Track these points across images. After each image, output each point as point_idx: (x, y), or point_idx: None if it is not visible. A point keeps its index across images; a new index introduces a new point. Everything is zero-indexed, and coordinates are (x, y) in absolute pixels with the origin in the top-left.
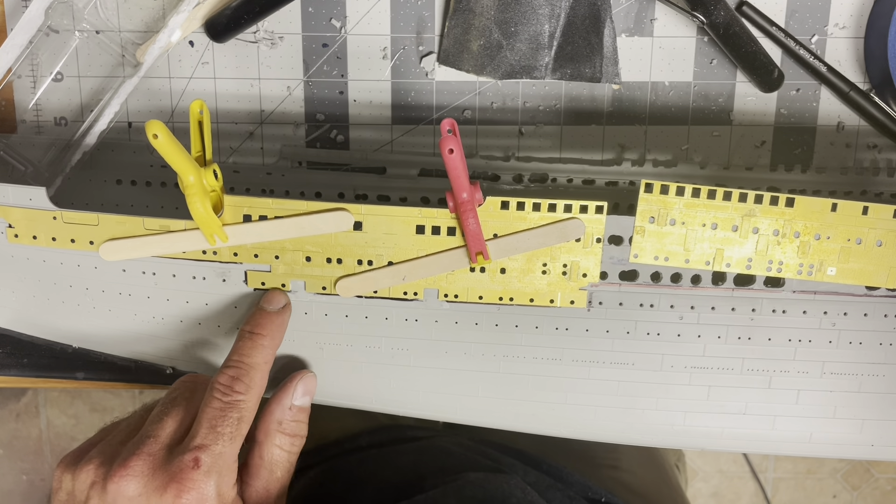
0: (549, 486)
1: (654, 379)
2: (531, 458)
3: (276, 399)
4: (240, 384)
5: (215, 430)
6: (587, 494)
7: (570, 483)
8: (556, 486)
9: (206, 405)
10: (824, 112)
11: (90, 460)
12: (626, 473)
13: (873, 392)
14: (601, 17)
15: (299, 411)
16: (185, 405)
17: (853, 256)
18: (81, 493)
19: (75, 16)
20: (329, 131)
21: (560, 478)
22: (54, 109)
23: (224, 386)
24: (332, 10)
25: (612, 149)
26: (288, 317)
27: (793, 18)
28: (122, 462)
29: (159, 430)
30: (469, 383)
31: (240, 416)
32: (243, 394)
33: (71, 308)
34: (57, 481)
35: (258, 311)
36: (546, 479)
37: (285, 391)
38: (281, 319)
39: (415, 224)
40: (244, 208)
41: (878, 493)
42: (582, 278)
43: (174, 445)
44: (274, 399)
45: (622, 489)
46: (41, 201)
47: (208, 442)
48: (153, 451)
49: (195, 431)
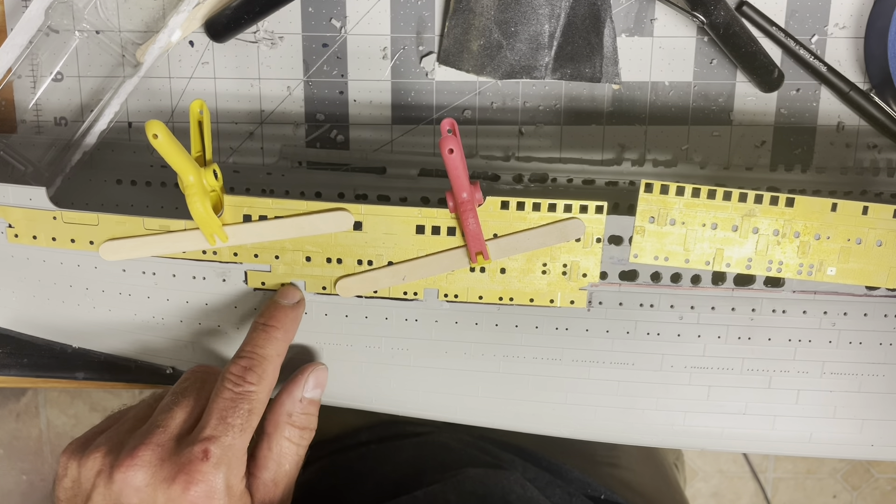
0: (548, 483)
1: (654, 379)
2: (531, 454)
3: (286, 390)
4: (252, 375)
5: (226, 421)
6: (586, 491)
7: (570, 480)
8: (556, 483)
9: (217, 395)
10: (824, 112)
11: (97, 448)
12: (626, 471)
13: (873, 392)
14: (601, 17)
15: (310, 403)
16: (196, 395)
17: (853, 256)
18: (87, 481)
19: (75, 16)
20: (329, 131)
21: (559, 474)
22: (54, 109)
23: (236, 376)
24: (332, 10)
25: (612, 149)
26: (302, 312)
27: (793, 18)
28: (130, 451)
29: (168, 420)
30: (469, 383)
31: (251, 407)
32: (255, 385)
33: (71, 308)
34: (62, 468)
35: (273, 304)
36: (546, 476)
37: (296, 383)
38: (295, 314)
39: (415, 224)
40: (244, 208)
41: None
42: (582, 278)
43: (183, 436)
44: (284, 390)
45: (621, 486)
46: (41, 201)
47: (218, 433)
48: (162, 442)
49: (205, 422)
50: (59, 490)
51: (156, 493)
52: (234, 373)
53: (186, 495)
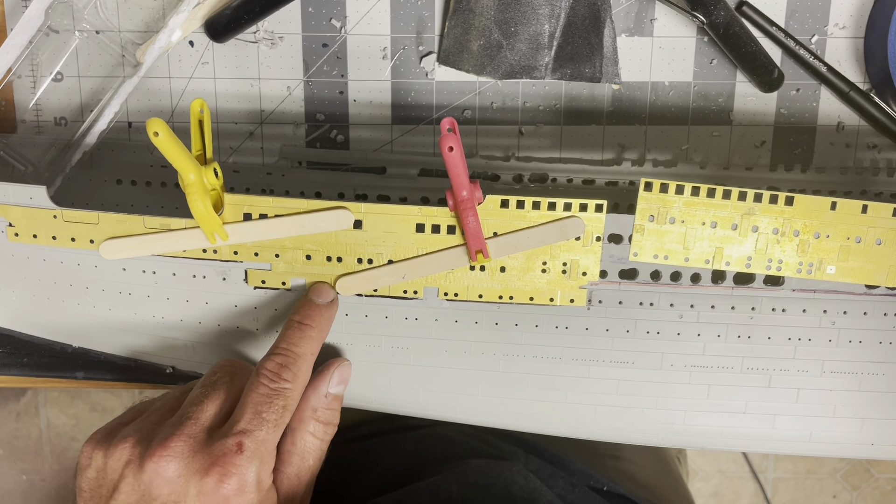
0: (551, 474)
1: (653, 378)
2: (533, 446)
3: (312, 386)
4: (287, 372)
5: (260, 415)
6: (589, 483)
7: (573, 471)
8: (559, 474)
9: (252, 390)
10: (824, 112)
11: (125, 438)
12: (628, 463)
13: (873, 391)
14: (601, 17)
15: (334, 399)
16: (227, 389)
17: (853, 255)
18: (114, 472)
19: (75, 16)
20: (329, 131)
21: (562, 466)
22: (54, 109)
23: (271, 373)
24: (332, 10)
25: (612, 149)
26: (335, 310)
27: (793, 18)
28: (162, 441)
29: (199, 413)
30: (469, 382)
31: (285, 403)
32: (290, 382)
33: (71, 307)
34: (86, 458)
35: (307, 302)
36: (548, 467)
37: (322, 378)
38: (330, 313)
39: (415, 222)
40: (244, 207)
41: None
42: (582, 277)
43: (214, 429)
44: (310, 386)
45: (624, 478)
46: (41, 200)
47: (252, 427)
48: (194, 433)
49: (239, 416)
50: (82, 480)
51: (188, 485)
52: (270, 369)
53: (220, 488)
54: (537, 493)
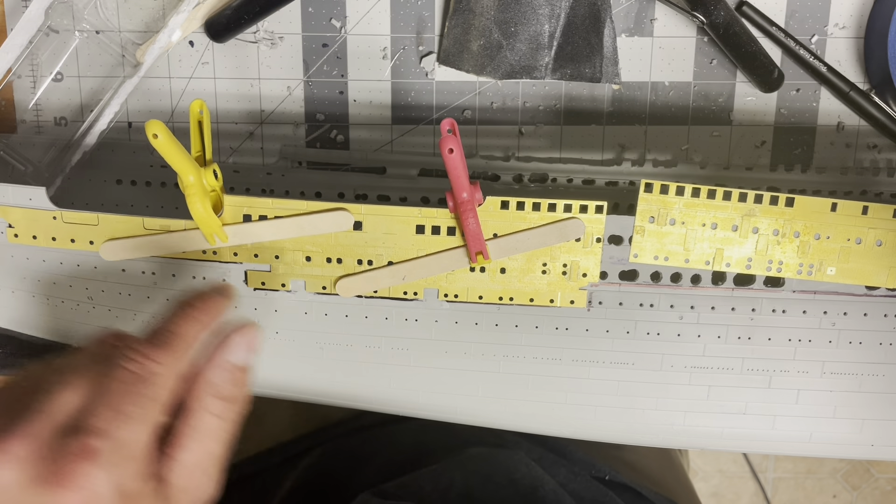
0: (553, 463)
1: (653, 379)
2: (535, 434)
3: (209, 358)
4: (157, 352)
5: (118, 409)
6: (591, 472)
7: (575, 460)
8: (561, 463)
9: (109, 376)
10: (824, 112)
11: None
12: (630, 453)
13: (873, 392)
14: (601, 17)
15: (238, 370)
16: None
17: (853, 256)
18: None
19: (75, 16)
20: (329, 131)
21: (564, 454)
22: (54, 109)
23: (137, 352)
24: (332, 10)
25: (612, 149)
26: (227, 306)
27: (793, 18)
28: None
29: (50, 404)
30: (469, 383)
31: (153, 392)
32: (160, 363)
33: (71, 308)
34: None
35: (201, 290)
36: (550, 456)
37: (221, 348)
38: (221, 303)
39: (415, 224)
40: (244, 208)
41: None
42: (582, 278)
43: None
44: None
45: (626, 468)
46: (41, 201)
47: (106, 424)
48: (39, 432)
49: (91, 409)
50: None
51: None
52: (134, 348)
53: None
54: (539, 481)
